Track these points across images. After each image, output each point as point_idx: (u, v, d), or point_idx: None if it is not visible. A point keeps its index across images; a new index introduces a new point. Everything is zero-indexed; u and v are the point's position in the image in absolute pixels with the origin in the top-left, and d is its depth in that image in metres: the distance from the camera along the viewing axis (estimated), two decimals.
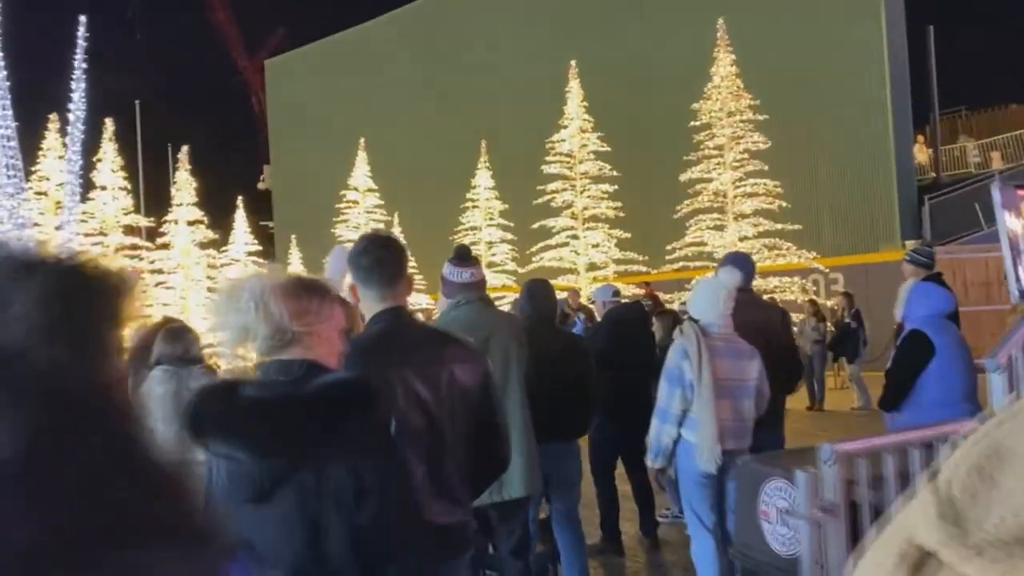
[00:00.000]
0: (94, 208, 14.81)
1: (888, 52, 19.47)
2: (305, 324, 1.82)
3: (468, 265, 3.73)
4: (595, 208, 19.23)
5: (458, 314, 3.58)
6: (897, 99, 19.66)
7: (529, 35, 25.33)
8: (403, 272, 2.45)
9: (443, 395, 2.29)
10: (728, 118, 16.92)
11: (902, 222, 19.73)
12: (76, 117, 10.60)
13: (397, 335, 2.36)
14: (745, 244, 16.66)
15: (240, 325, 1.82)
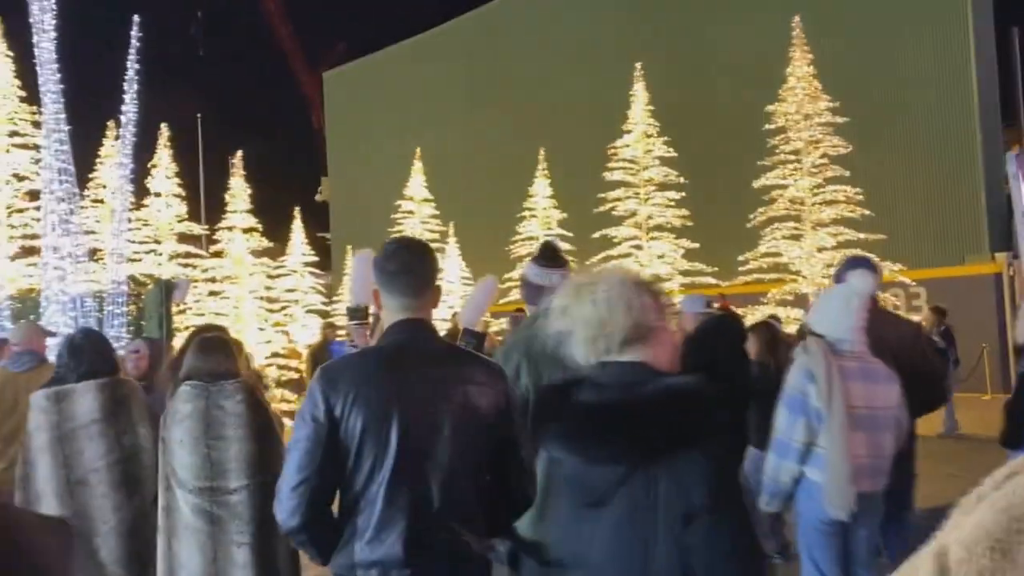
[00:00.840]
0: (148, 215, 14.60)
1: (975, 52, 18.29)
2: (659, 320, 1.80)
3: (557, 265, 3.14)
4: (660, 217, 18.39)
5: (542, 323, 2.97)
6: (985, 102, 18.45)
7: (590, 39, 24.70)
8: (431, 282, 2.25)
9: (443, 419, 2.07)
10: (805, 121, 15.95)
11: (991, 233, 18.46)
12: (128, 119, 10.22)
13: (409, 350, 2.15)
14: (824, 255, 15.65)
15: (596, 319, 1.79)
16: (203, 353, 3.82)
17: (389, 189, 25.41)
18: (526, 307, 3.29)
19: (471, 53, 28.53)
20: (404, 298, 2.18)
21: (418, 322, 2.18)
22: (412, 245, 2.28)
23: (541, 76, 25.91)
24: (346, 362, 2.16)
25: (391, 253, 2.21)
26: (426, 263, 2.23)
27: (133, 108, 10.54)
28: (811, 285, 15.74)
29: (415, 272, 2.19)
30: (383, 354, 2.15)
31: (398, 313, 2.18)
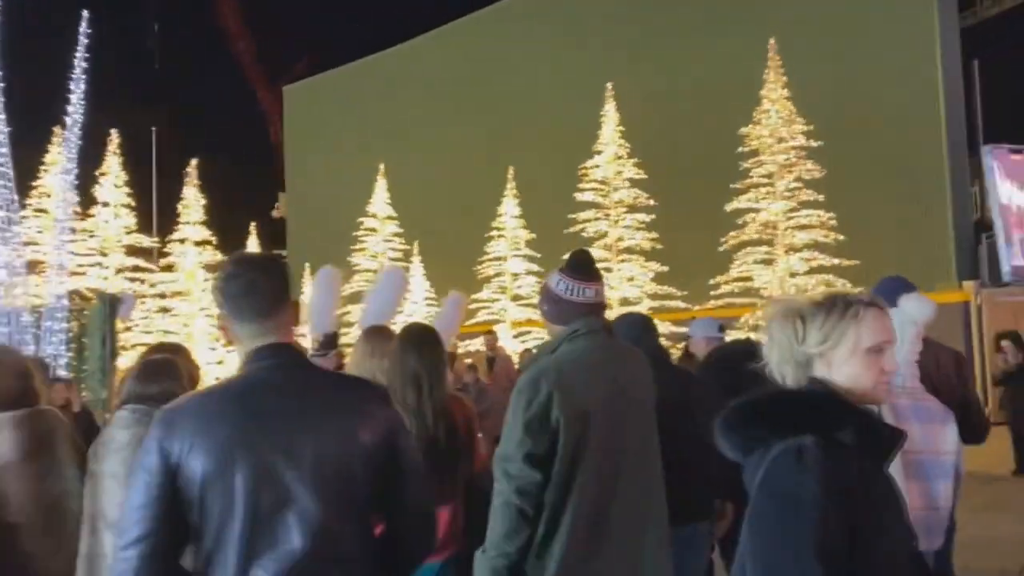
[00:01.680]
0: (95, 226, 13.75)
1: (943, 83, 18.37)
2: None
3: (591, 279, 2.71)
4: (630, 239, 18.03)
5: (575, 349, 2.61)
6: (952, 132, 18.51)
7: (561, 57, 24.44)
8: (284, 298, 1.99)
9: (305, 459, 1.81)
10: (779, 144, 15.74)
11: (958, 261, 18.45)
12: (73, 122, 9.48)
13: (265, 380, 1.87)
14: (797, 280, 15.41)
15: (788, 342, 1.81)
16: (146, 376, 3.37)
17: (350, 206, 24.75)
18: (547, 325, 2.79)
19: (438, 69, 28.11)
20: (254, 322, 1.92)
21: (277, 347, 1.92)
22: (254, 260, 2.07)
23: (510, 94, 25.56)
24: (187, 401, 1.89)
25: (231, 274, 1.95)
26: (274, 277, 1.97)
27: (80, 110, 9.81)
28: None
29: (262, 290, 1.93)
30: (230, 390, 1.88)
31: (252, 340, 1.92)
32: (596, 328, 2.64)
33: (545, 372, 2.50)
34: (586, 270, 2.71)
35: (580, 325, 2.61)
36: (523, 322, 20.64)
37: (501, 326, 20.15)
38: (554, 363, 2.54)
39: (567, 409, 2.44)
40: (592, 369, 2.58)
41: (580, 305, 2.64)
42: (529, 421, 2.44)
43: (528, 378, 2.53)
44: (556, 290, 2.69)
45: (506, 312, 20.63)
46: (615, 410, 2.58)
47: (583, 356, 2.58)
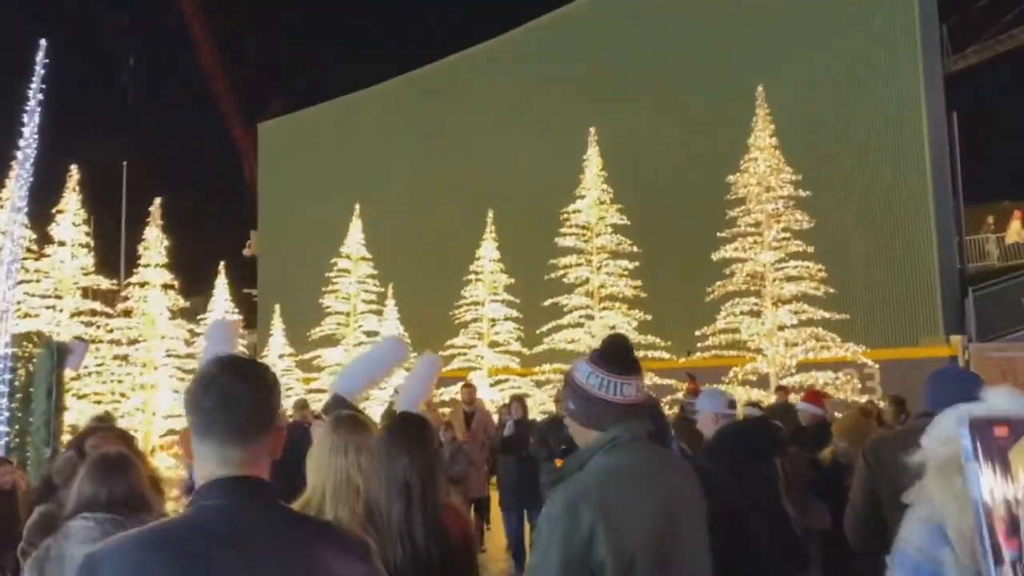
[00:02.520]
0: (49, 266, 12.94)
1: (928, 138, 18.24)
2: None
3: (631, 372, 2.23)
4: (612, 286, 17.51)
5: (615, 464, 2.14)
6: (938, 186, 18.34)
7: (541, 100, 24.18)
8: (268, 422, 1.61)
9: None
10: (767, 193, 15.38)
11: (945, 315, 18.15)
12: (25, 156, 8.80)
13: (218, 528, 1.49)
14: (786, 333, 14.93)
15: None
16: (100, 476, 2.87)
17: (324, 245, 24.10)
18: (576, 427, 2.26)
19: (417, 109, 27.77)
20: (223, 447, 1.56)
21: (237, 483, 1.55)
22: (239, 368, 1.63)
23: (489, 136, 25.22)
24: (115, 546, 1.50)
25: (206, 380, 1.59)
26: (259, 393, 1.61)
27: (32, 144, 9.14)
28: (772, 365, 14.97)
29: (240, 407, 1.57)
30: (167, 536, 1.52)
31: (212, 468, 1.57)
32: (639, 435, 2.18)
33: (585, 495, 2.05)
34: (624, 361, 2.22)
35: (619, 432, 2.14)
36: (500, 369, 20.00)
37: (478, 373, 19.48)
38: (595, 483, 2.08)
39: (615, 546, 2.00)
40: (639, 491, 2.12)
41: (618, 406, 2.16)
42: (568, 560, 2.00)
43: (564, 501, 2.06)
44: (587, 386, 2.20)
45: (483, 359, 19.97)
46: (667, 544, 2.10)
47: (626, 473, 2.12)
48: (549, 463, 9.12)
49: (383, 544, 2.44)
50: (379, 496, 2.54)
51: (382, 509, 2.52)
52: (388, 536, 2.48)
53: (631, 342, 2.34)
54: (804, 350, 14.88)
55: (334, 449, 2.87)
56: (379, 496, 2.54)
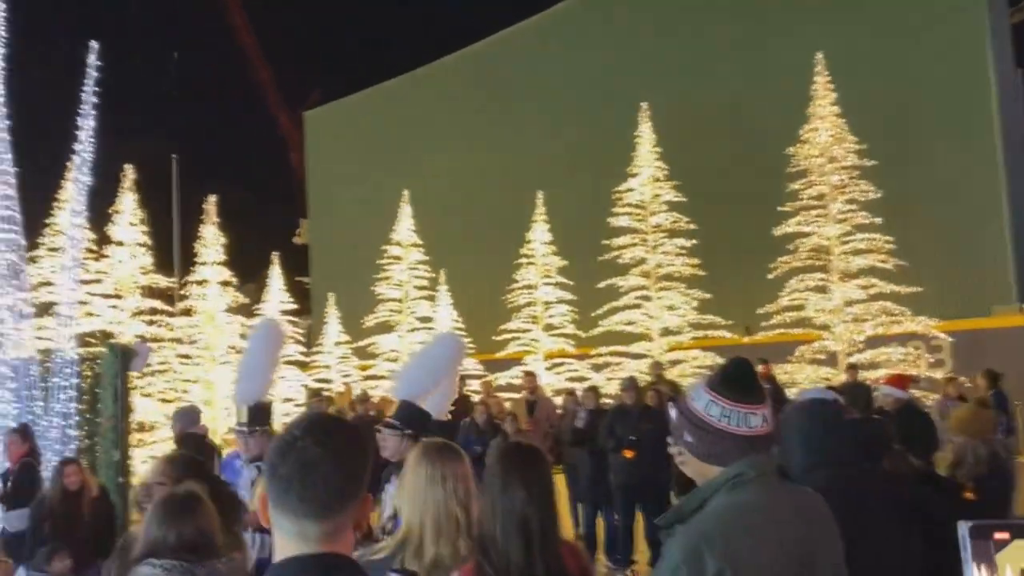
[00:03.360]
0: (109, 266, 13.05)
1: (997, 98, 17.41)
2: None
3: (756, 400, 1.96)
4: (669, 266, 17.09)
5: (739, 504, 1.90)
6: (1009, 148, 17.53)
7: (592, 77, 23.70)
8: (353, 491, 1.43)
9: None
10: (830, 164, 14.81)
11: (1019, 283, 17.41)
12: (83, 160, 8.76)
13: None
14: (855, 308, 14.42)
15: None
16: (170, 518, 2.73)
17: (374, 232, 24.06)
18: (693, 461, 2.01)
19: (464, 91, 27.50)
20: (300, 521, 1.40)
21: (323, 562, 1.39)
22: (324, 431, 1.45)
23: (539, 116, 24.86)
24: None
25: (286, 444, 1.42)
26: (342, 460, 1.43)
27: (88, 147, 9.11)
28: (840, 342, 14.48)
29: (321, 478, 1.39)
30: None
31: (287, 543, 1.41)
32: (766, 471, 1.95)
33: (708, 540, 1.83)
34: (748, 388, 1.97)
35: (744, 468, 1.91)
36: (556, 352, 19.76)
37: (533, 357, 19.29)
38: (718, 525, 1.86)
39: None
40: (768, 535, 1.88)
41: (743, 439, 1.92)
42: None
43: (684, 548, 1.84)
44: (705, 416, 1.96)
45: (538, 343, 19.75)
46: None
47: (754, 515, 1.88)
48: (617, 455, 8.88)
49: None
50: (494, 533, 2.33)
51: (498, 546, 2.31)
52: (505, 573, 2.29)
53: (753, 368, 2.06)
54: (873, 325, 14.37)
55: (430, 480, 2.65)
56: (494, 533, 2.33)
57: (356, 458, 1.47)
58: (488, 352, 20.57)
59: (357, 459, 1.47)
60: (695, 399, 2.01)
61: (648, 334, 17.08)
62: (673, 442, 2.17)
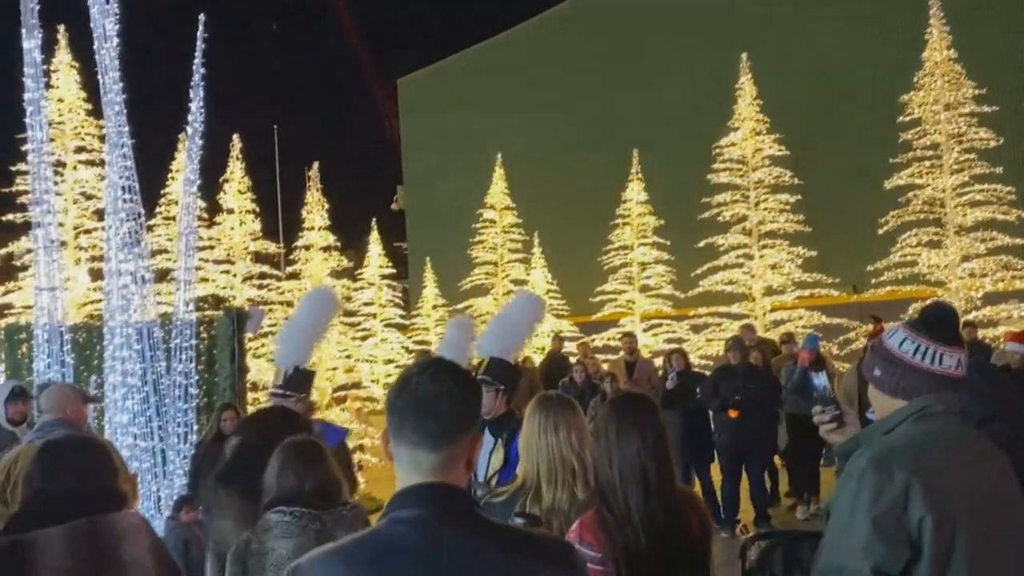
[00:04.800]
0: (220, 233, 13.62)
1: None
2: None
3: (954, 343, 2.01)
4: (772, 223, 16.57)
5: (924, 433, 1.92)
6: None
7: (688, 29, 23.04)
8: (465, 426, 1.54)
9: None
10: (945, 111, 14.00)
11: None
12: (194, 130, 9.13)
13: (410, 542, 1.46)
14: (972, 264, 13.70)
15: None
16: (295, 467, 2.77)
17: (468, 197, 24.24)
18: (879, 396, 2.05)
19: (555, 51, 27.21)
20: (413, 450, 1.52)
21: (429, 491, 1.50)
22: (438, 370, 1.57)
23: (633, 72, 24.38)
24: (316, 562, 1.49)
25: (403, 380, 1.56)
26: (456, 396, 1.54)
27: (199, 118, 9.45)
28: (956, 299, 13.79)
29: (435, 410, 1.51)
30: (359, 553, 1.49)
31: (405, 474, 1.53)
32: (953, 409, 1.97)
33: (895, 454, 1.87)
34: (948, 329, 2.01)
35: (933, 403, 1.94)
36: (653, 313, 19.54)
37: (630, 319, 19.15)
38: (905, 445, 1.89)
39: (936, 506, 1.79)
40: (956, 459, 1.91)
41: (933, 376, 1.96)
42: (880, 520, 1.80)
43: (871, 459, 1.87)
44: (900, 352, 2.01)
45: (635, 304, 19.57)
46: (990, 517, 1.88)
47: (940, 442, 1.91)
48: (722, 414, 8.77)
49: (623, 530, 2.30)
50: (612, 480, 2.35)
51: (617, 494, 2.33)
52: (628, 524, 2.31)
53: (956, 312, 2.10)
54: (992, 281, 13.63)
55: (543, 429, 2.69)
56: (612, 480, 2.35)
57: (468, 396, 1.57)
58: (583, 314, 20.53)
59: (469, 397, 1.57)
60: (890, 337, 2.05)
61: (750, 294, 16.67)
62: (820, 409, 2.16)
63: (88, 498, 2.44)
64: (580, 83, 26.15)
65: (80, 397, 4.71)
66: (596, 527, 2.32)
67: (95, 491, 2.47)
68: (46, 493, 2.45)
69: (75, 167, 13.16)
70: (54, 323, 9.18)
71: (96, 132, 12.85)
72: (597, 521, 2.32)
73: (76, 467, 2.50)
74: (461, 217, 24.34)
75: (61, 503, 2.40)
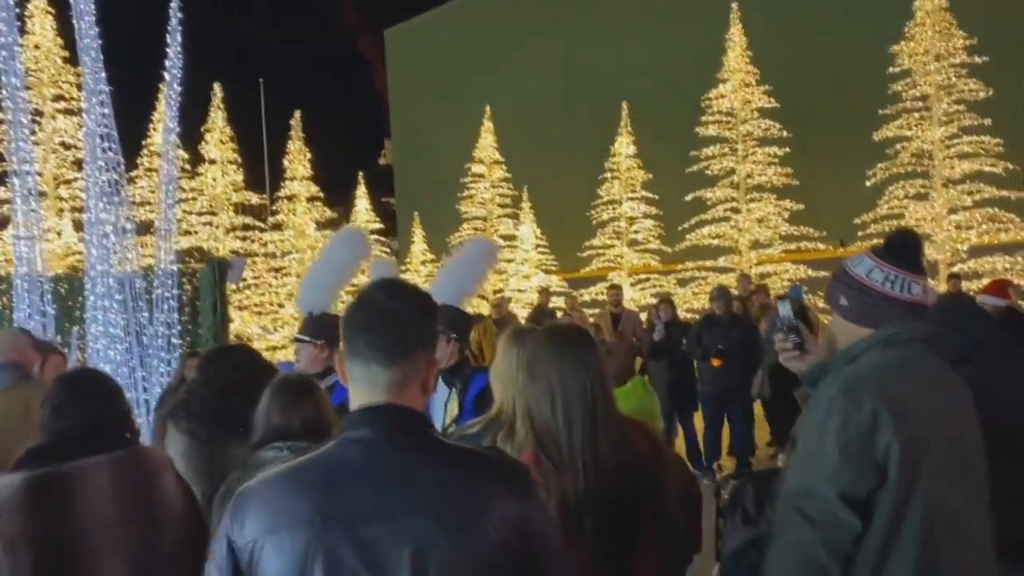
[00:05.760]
0: (202, 184, 13.47)
1: None
2: None
3: (919, 271, 2.02)
4: (760, 176, 16.52)
5: (891, 360, 1.91)
6: None
7: None
8: (420, 343, 1.49)
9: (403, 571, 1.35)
10: (936, 62, 13.88)
11: None
12: (172, 76, 8.92)
13: (364, 459, 1.42)
14: (958, 216, 13.70)
15: None
16: (288, 403, 2.67)
17: (457, 151, 24.03)
18: (843, 325, 2.04)
19: (545, 2, 26.76)
20: (368, 366, 1.47)
21: (380, 411, 1.46)
22: (393, 288, 1.55)
23: (621, 24, 24.03)
24: (259, 485, 1.48)
25: (359, 298, 1.52)
26: (411, 314, 1.50)
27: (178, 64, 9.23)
28: (941, 251, 13.83)
29: (390, 327, 1.47)
30: (310, 472, 1.45)
31: (358, 393, 1.49)
32: (919, 336, 1.97)
33: (863, 381, 1.86)
34: (915, 257, 2.00)
35: (899, 330, 1.94)
36: (641, 268, 19.56)
37: (618, 274, 19.16)
38: (873, 372, 1.88)
39: (904, 433, 1.80)
40: (923, 385, 1.91)
41: (902, 304, 1.95)
42: (847, 446, 1.81)
43: (840, 387, 1.87)
44: (867, 280, 1.98)
45: (622, 259, 19.57)
46: (952, 446, 1.89)
47: (907, 368, 1.91)
48: (705, 363, 8.79)
49: (562, 476, 2.14)
50: (555, 423, 2.19)
51: (561, 438, 2.18)
52: (570, 463, 2.16)
53: (921, 240, 2.06)
54: (978, 233, 13.65)
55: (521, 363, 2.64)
56: (555, 423, 2.19)
57: (424, 313, 1.52)
58: (572, 269, 20.52)
59: (425, 314, 1.52)
60: (855, 265, 2.02)
61: (736, 247, 16.67)
62: (783, 336, 2.12)
63: (122, 429, 2.42)
64: (569, 34, 25.79)
65: (29, 342, 4.62)
66: (535, 466, 2.23)
67: (128, 422, 2.45)
68: (82, 422, 2.39)
69: (54, 116, 12.95)
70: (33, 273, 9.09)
71: (74, 80, 12.63)
72: (535, 461, 2.23)
73: (106, 397, 2.46)
74: (450, 172, 24.17)
75: (97, 433, 2.36)
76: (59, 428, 2.39)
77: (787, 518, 1.84)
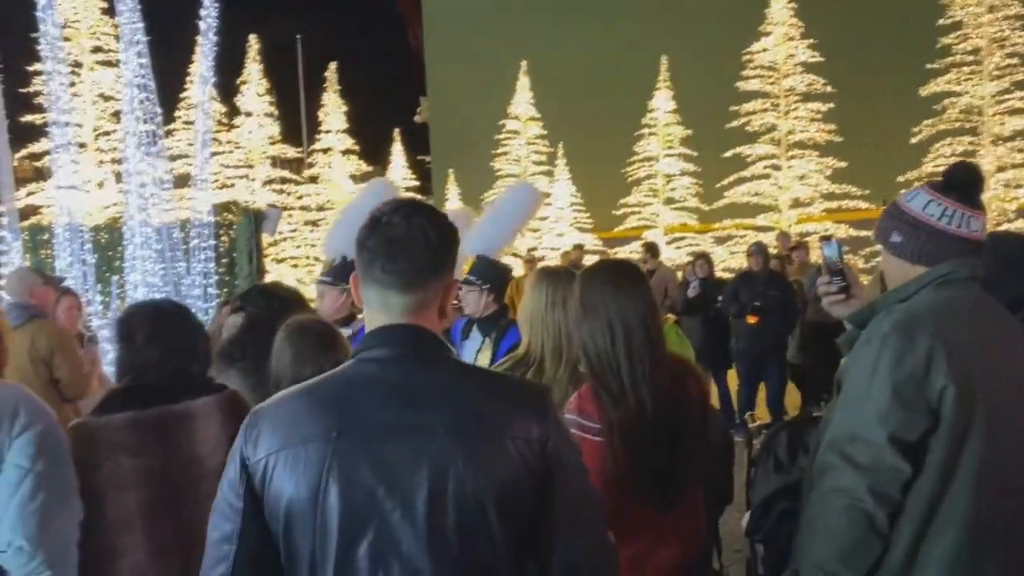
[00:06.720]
0: (239, 136, 13.51)
1: None
2: None
3: (979, 207, 1.87)
4: (803, 132, 16.14)
5: (953, 298, 1.82)
6: None
7: None
8: (439, 269, 1.45)
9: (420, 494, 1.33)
10: (989, 13, 13.37)
11: None
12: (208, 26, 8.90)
13: (381, 380, 1.40)
14: (1007, 175, 13.30)
15: None
16: (307, 353, 2.52)
17: (493, 108, 23.80)
18: (896, 263, 1.92)
19: None
20: (384, 291, 1.43)
21: (400, 331, 1.43)
22: (410, 209, 1.47)
23: None
24: (275, 403, 1.45)
25: (374, 220, 1.46)
26: (430, 236, 1.44)
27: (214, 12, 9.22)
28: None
29: (407, 250, 1.42)
30: (326, 389, 1.42)
31: (375, 316, 1.45)
32: (976, 276, 1.86)
33: (919, 319, 1.77)
34: (975, 191, 1.86)
35: (957, 268, 1.82)
36: (677, 227, 19.34)
37: (654, 232, 18.97)
38: (928, 311, 1.78)
39: (959, 375, 1.70)
40: (981, 326, 1.82)
41: (961, 240, 1.82)
42: (900, 386, 1.71)
43: (893, 324, 1.78)
44: (922, 215, 1.85)
45: (659, 217, 19.35)
46: (1008, 389, 1.79)
47: (963, 309, 1.82)
48: (740, 320, 8.69)
49: (618, 406, 2.13)
50: (613, 355, 2.15)
51: (620, 369, 2.15)
52: (632, 396, 2.13)
53: (981, 173, 1.92)
54: None
55: (551, 303, 2.60)
56: (613, 355, 2.15)
57: (442, 237, 1.46)
58: (607, 228, 20.36)
59: (443, 239, 1.46)
60: (909, 199, 1.90)
61: (776, 206, 16.38)
62: (827, 280, 2.04)
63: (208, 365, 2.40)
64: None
65: (41, 281, 4.68)
66: (593, 399, 2.23)
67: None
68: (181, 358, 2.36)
69: (92, 68, 13.04)
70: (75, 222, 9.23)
71: (112, 32, 12.69)
72: (593, 394, 2.23)
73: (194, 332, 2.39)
74: (485, 129, 23.96)
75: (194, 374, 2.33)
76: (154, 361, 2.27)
77: (830, 464, 1.76)
